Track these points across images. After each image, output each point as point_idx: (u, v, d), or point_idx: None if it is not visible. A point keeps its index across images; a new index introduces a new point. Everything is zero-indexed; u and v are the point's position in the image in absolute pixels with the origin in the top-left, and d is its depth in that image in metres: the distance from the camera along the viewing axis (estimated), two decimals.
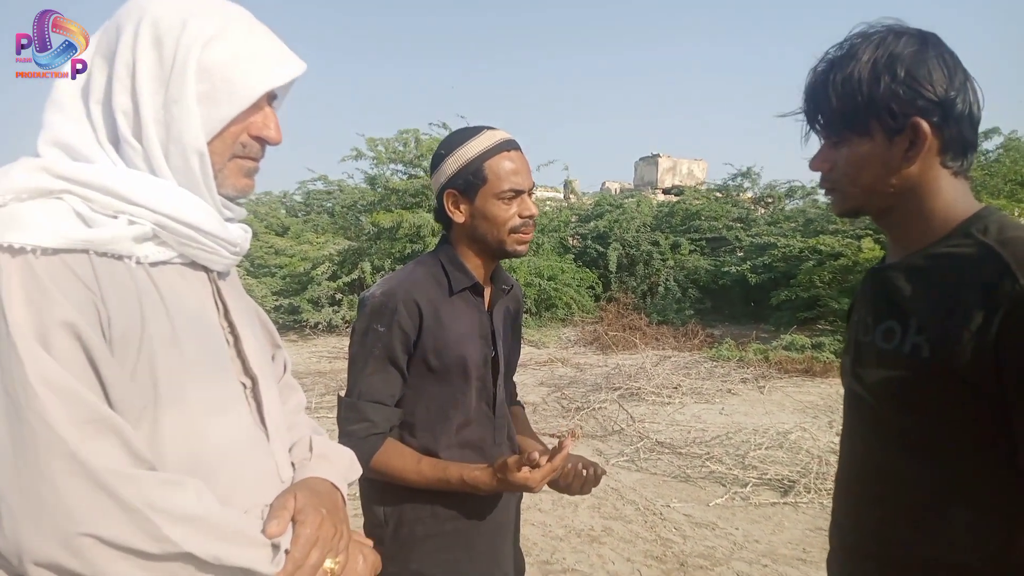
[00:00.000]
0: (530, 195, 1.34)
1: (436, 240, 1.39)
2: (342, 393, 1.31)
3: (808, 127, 0.98)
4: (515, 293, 1.50)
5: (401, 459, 1.27)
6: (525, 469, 1.20)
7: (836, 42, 0.94)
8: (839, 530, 1.07)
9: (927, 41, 0.89)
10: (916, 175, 0.90)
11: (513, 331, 1.50)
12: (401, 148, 10.70)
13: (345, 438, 1.25)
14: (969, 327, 0.82)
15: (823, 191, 1.03)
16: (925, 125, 0.87)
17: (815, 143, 1.00)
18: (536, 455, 1.19)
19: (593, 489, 1.45)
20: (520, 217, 1.31)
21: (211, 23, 0.78)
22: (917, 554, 0.91)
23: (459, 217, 1.32)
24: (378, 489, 1.33)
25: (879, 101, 0.88)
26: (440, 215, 1.36)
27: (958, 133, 0.89)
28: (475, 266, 1.36)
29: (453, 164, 1.30)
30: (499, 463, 1.23)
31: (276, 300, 9.56)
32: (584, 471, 1.41)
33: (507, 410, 1.43)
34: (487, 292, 1.40)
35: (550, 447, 1.31)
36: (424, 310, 1.28)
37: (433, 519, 1.31)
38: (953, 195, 0.92)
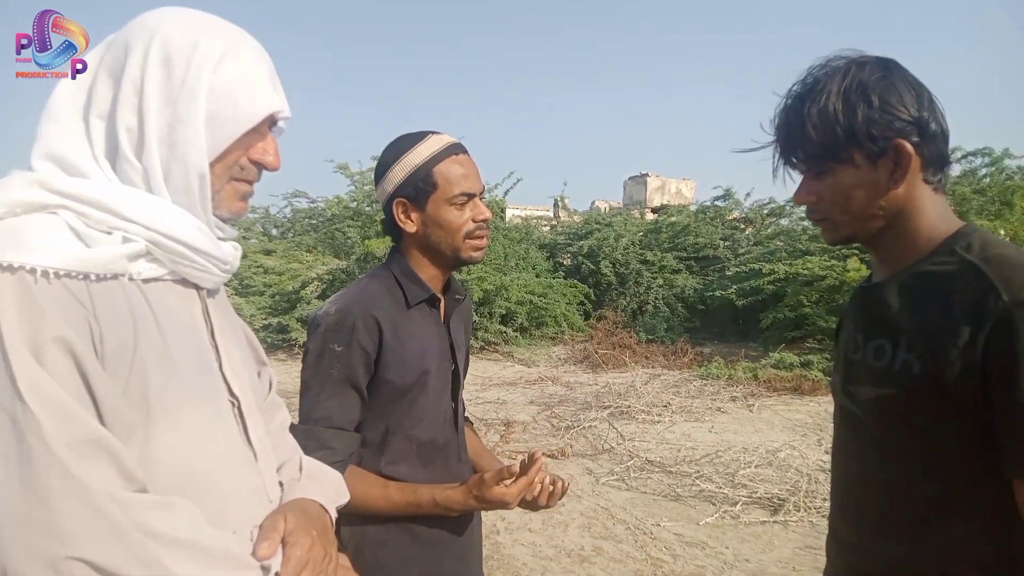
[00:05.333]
0: (480, 198, 1.29)
1: None
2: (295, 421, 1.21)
3: (780, 162, 1.00)
4: (467, 303, 1.44)
5: (366, 486, 1.19)
6: (502, 484, 1.16)
7: (797, 78, 0.96)
8: (838, 545, 1.07)
9: (890, 67, 0.93)
10: (903, 195, 0.94)
11: (466, 342, 1.45)
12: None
13: None
14: (957, 344, 0.84)
15: (812, 223, 1.05)
16: (908, 145, 0.91)
17: (782, 175, 1.01)
18: (515, 467, 1.16)
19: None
20: (474, 221, 1.26)
21: (221, 44, 0.79)
22: (913, 569, 0.93)
23: (410, 227, 1.26)
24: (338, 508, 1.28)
25: (858, 129, 0.91)
26: (390, 226, 1.30)
27: (935, 149, 0.93)
28: (429, 277, 1.30)
29: (400, 172, 1.24)
30: (473, 480, 1.18)
31: (265, 319, 9.47)
32: (551, 485, 1.33)
33: (464, 426, 1.38)
34: (442, 304, 1.34)
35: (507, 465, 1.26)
36: (383, 326, 1.21)
37: (397, 543, 1.24)
38: (936, 211, 0.95)
